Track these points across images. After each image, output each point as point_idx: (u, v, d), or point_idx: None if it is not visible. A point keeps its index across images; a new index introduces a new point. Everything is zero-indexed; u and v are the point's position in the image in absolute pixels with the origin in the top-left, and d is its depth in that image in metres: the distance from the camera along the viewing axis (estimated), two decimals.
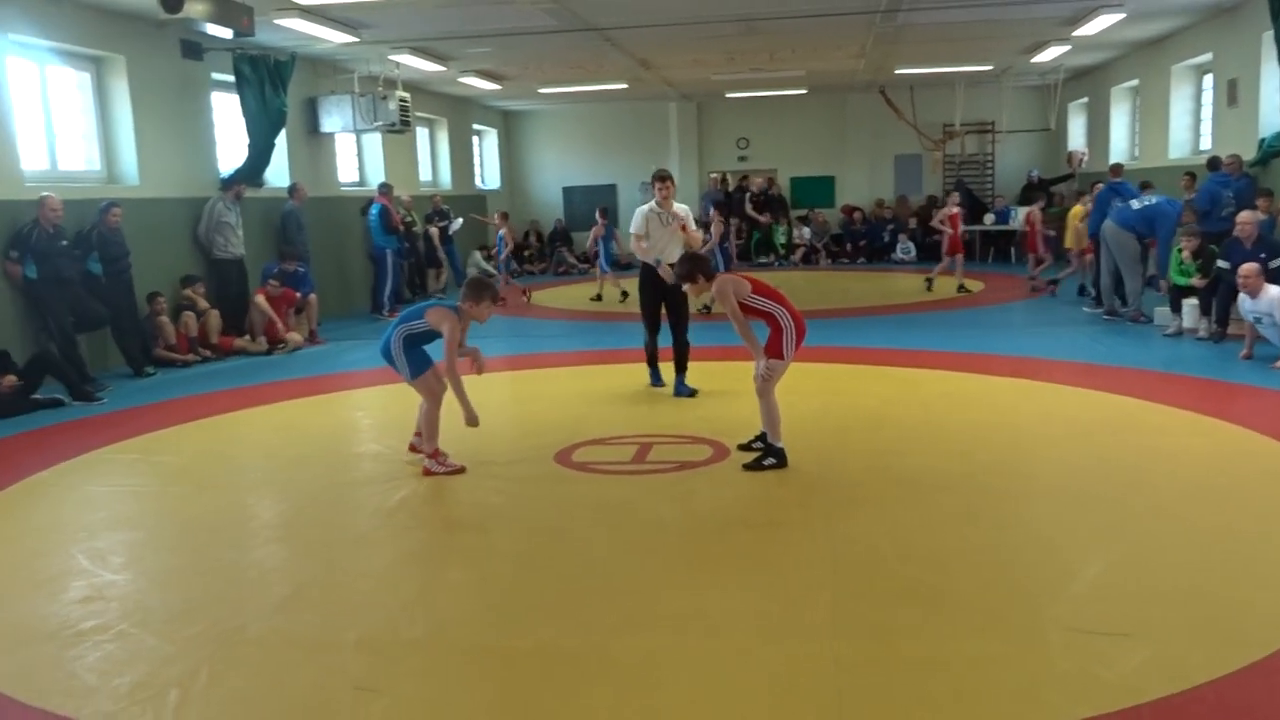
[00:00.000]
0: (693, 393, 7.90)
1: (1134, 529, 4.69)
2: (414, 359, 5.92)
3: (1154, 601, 3.86)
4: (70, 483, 6.07)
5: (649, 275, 8.00)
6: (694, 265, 5.98)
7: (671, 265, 7.09)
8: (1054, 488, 5.45)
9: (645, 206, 8.11)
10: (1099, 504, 5.05)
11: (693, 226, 8.10)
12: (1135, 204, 11.01)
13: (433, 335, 5.91)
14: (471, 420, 5.78)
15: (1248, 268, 8.59)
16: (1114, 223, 10.99)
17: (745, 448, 6.13)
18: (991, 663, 3.38)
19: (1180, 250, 10.09)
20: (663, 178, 8.00)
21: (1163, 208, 10.82)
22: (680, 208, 8.07)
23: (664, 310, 8.06)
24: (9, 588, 4.42)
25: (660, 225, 7.97)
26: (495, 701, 3.29)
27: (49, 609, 4.13)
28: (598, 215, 14.91)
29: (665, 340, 8.08)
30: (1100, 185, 12.51)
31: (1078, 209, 13.47)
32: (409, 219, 15.07)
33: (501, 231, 15.98)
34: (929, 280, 14.62)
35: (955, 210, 14.44)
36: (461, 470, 5.92)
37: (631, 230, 8.16)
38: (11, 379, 8.08)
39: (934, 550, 4.48)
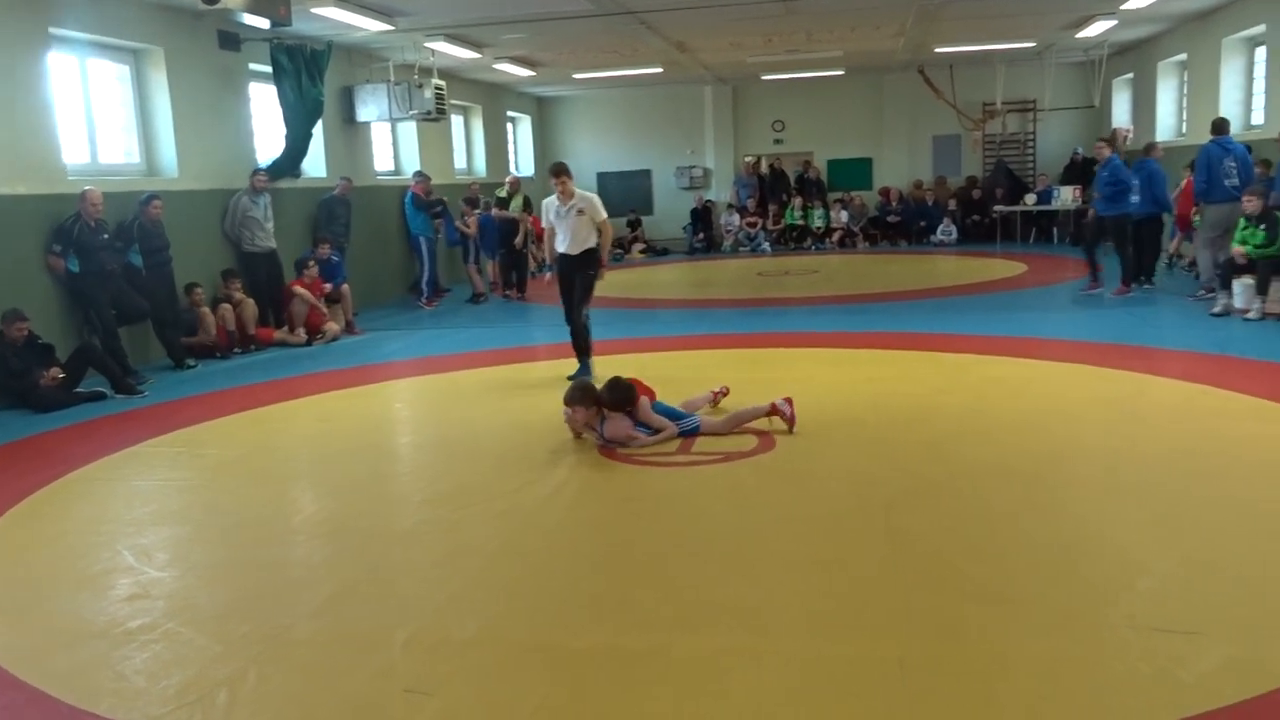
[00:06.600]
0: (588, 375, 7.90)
1: (1201, 520, 4.52)
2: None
3: (1228, 597, 3.70)
4: (115, 476, 6.07)
5: (561, 265, 8.32)
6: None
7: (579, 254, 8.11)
8: (1113, 477, 5.26)
9: (547, 200, 8.35)
10: (1162, 494, 4.90)
11: (601, 215, 8.23)
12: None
13: None
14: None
15: None
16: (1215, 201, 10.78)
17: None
18: (1063, 663, 3.25)
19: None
20: (556, 173, 8.21)
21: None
22: (581, 197, 8.22)
23: None
24: (56, 584, 4.40)
25: (560, 217, 8.20)
26: (551, 703, 3.19)
27: (96, 606, 4.10)
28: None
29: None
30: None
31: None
32: (505, 199, 14.73)
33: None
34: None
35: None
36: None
37: (544, 224, 8.47)
38: (55, 372, 8.13)
39: (995, 544, 4.35)
